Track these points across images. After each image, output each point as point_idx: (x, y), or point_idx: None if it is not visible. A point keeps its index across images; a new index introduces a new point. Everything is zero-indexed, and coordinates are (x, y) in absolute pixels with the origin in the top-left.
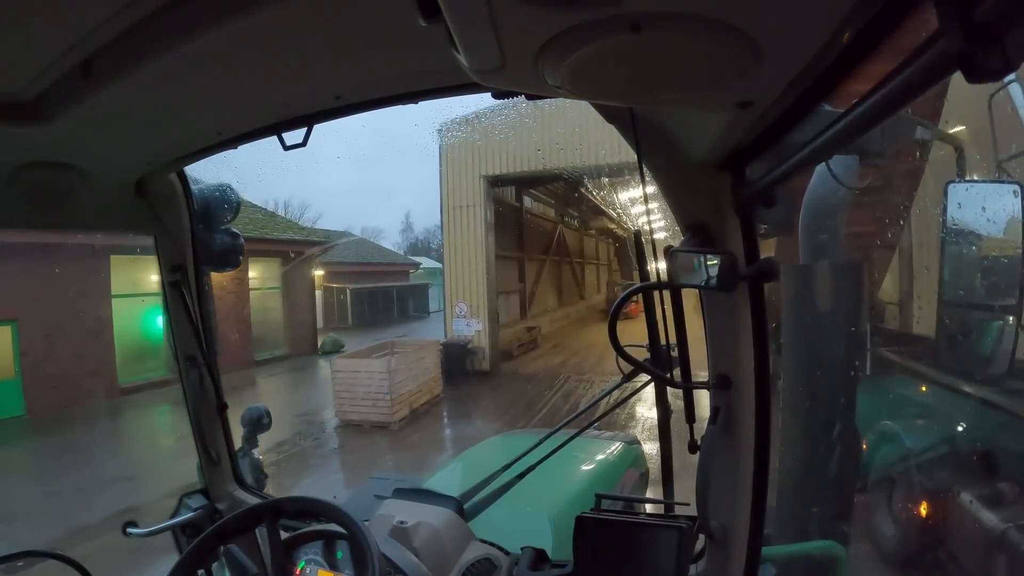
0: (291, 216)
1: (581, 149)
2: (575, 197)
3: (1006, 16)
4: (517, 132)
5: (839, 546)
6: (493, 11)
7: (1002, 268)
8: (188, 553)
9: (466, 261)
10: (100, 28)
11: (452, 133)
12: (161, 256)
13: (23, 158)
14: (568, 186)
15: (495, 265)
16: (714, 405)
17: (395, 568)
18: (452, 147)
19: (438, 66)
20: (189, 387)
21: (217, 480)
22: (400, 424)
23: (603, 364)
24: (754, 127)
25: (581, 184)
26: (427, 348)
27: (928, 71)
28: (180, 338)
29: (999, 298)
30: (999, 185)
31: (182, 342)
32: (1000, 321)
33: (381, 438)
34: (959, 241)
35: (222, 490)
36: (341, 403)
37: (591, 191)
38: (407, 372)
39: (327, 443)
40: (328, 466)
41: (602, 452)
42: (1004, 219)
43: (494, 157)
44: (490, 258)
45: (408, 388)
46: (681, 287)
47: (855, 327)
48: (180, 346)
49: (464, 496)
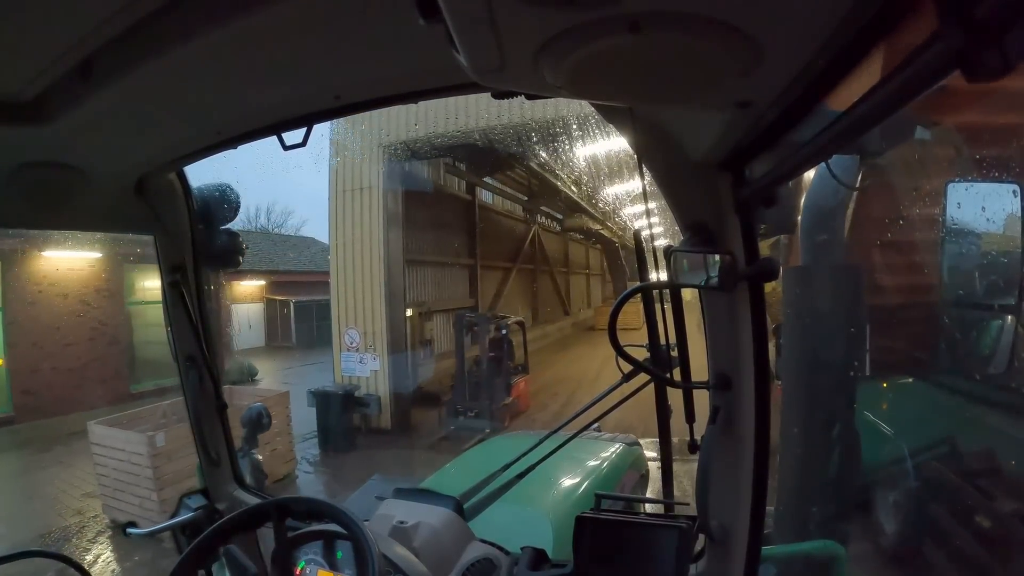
0: (273, 223)
1: (502, 105)
2: (550, 188)
3: (1006, 15)
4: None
5: (839, 546)
6: (493, 11)
7: (1001, 267)
8: (188, 553)
9: (359, 269)
10: (100, 28)
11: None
12: (161, 256)
13: (23, 158)
14: (538, 177)
15: (407, 273)
16: (714, 405)
17: (395, 568)
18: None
19: (438, 66)
20: (189, 387)
21: (217, 480)
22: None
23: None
24: (754, 127)
25: (548, 168)
26: (270, 401)
27: (928, 71)
28: (180, 338)
29: (999, 298)
30: (999, 185)
31: (182, 342)
32: (1000, 321)
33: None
34: (959, 241)
35: (222, 490)
36: (107, 494)
37: (559, 174)
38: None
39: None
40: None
41: (602, 453)
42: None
43: (399, 118)
44: (393, 264)
45: None
46: (681, 287)
47: (855, 327)
48: (180, 346)
49: (464, 496)
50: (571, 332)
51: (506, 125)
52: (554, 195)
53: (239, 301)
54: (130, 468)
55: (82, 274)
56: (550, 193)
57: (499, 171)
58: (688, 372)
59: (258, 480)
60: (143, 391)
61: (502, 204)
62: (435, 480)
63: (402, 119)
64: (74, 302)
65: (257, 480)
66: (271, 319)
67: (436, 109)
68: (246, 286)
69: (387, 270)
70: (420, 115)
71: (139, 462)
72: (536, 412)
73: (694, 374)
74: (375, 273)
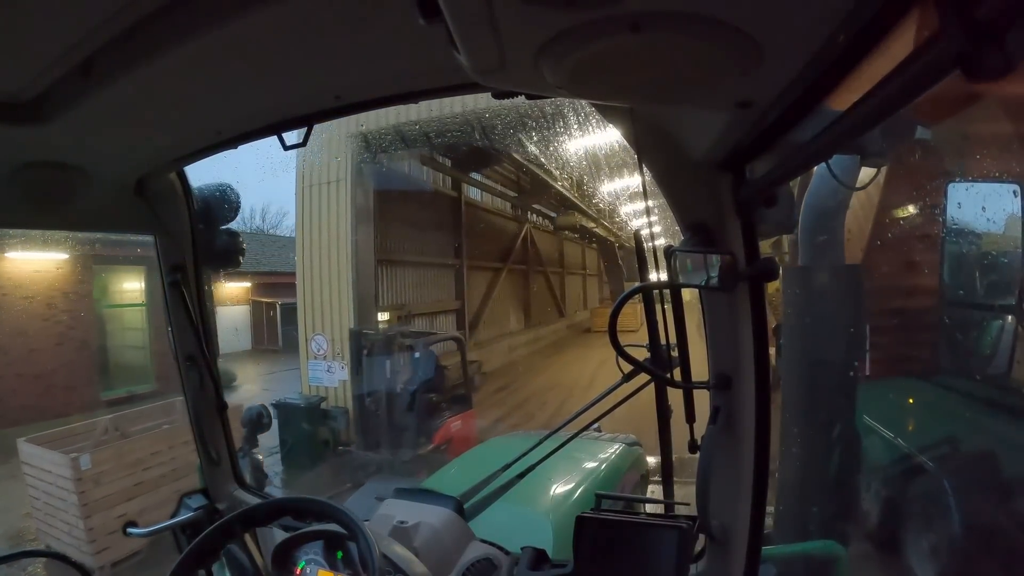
0: (269, 224)
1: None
2: (543, 184)
3: (1006, 16)
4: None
5: (839, 546)
6: (493, 11)
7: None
8: (188, 553)
9: (326, 270)
10: (100, 28)
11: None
12: (161, 256)
13: (23, 158)
14: (529, 172)
15: (383, 274)
16: (714, 405)
17: (395, 568)
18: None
19: (438, 66)
20: (189, 387)
21: (217, 480)
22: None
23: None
24: (754, 127)
25: (539, 163)
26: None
27: (928, 71)
28: (180, 338)
29: (999, 297)
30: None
31: (182, 342)
32: (1000, 320)
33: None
34: (959, 241)
35: (222, 490)
36: (39, 518)
37: (551, 169)
38: (164, 468)
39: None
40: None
41: (602, 453)
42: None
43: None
44: (362, 264)
45: (157, 498)
46: (681, 287)
47: (855, 327)
48: (180, 346)
49: (464, 496)
50: (566, 335)
51: (491, 112)
52: (547, 192)
53: (225, 303)
54: (57, 492)
55: (48, 276)
56: (543, 190)
57: (487, 166)
58: (688, 372)
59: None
60: (116, 398)
61: (492, 201)
62: (435, 480)
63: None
64: (40, 305)
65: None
66: (257, 322)
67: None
68: (232, 288)
69: (356, 271)
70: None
71: (64, 486)
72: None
73: (694, 375)
74: (343, 274)
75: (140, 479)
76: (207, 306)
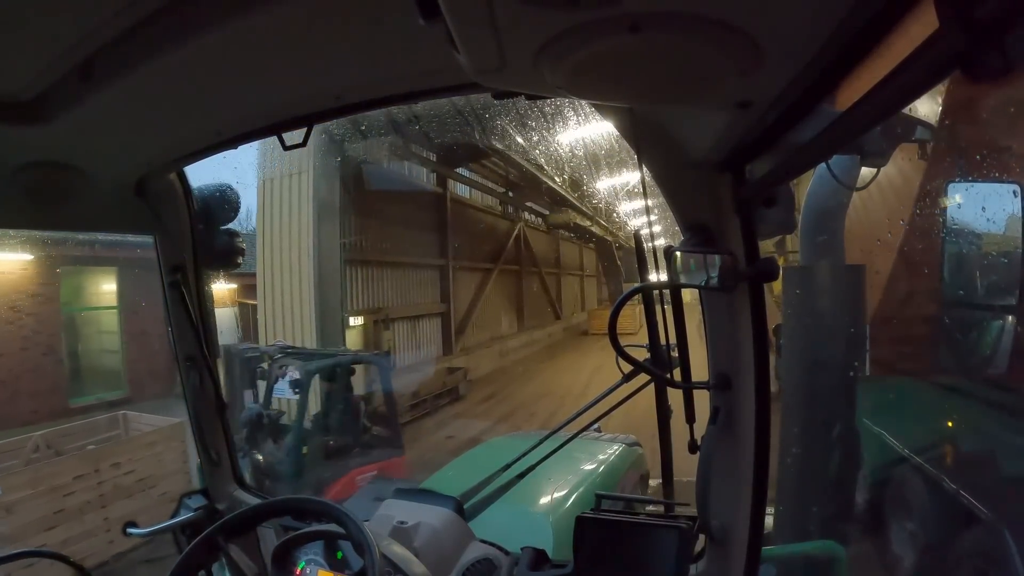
0: (254, 223)
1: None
2: (535, 181)
3: (1006, 16)
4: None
5: (839, 546)
6: (493, 11)
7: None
8: (188, 553)
9: (286, 270)
10: (100, 28)
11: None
12: (161, 256)
13: (23, 158)
14: (521, 169)
15: (355, 275)
16: (714, 405)
17: (395, 568)
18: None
19: (438, 66)
20: (189, 387)
21: (217, 480)
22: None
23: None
24: (754, 127)
25: (532, 159)
26: (161, 435)
27: (928, 71)
28: (180, 338)
29: (999, 298)
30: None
31: (182, 342)
32: (1000, 320)
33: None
34: (959, 241)
35: (222, 490)
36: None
37: (543, 166)
38: (89, 494)
39: None
40: None
41: (602, 453)
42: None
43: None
44: (326, 263)
45: (82, 528)
46: (681, 287)
47: (855, 328)
48: (180, 346)
49: (464, 496)
50: (562, 338)
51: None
52: (540, 189)
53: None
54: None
55: (11, 277)
56: (536, 187)
57: (475, 160)
58: (688, 372)
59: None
60: (85, 405)
61: (481, 198)
62: (435, 480)
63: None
64: (2, 308)
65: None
66: (244, 325)
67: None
68: (218, 289)
69: (319, 271)
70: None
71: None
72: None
73: (694, 375)
74: (304, 274)
75: (60, 506)
76: (207, 306)
